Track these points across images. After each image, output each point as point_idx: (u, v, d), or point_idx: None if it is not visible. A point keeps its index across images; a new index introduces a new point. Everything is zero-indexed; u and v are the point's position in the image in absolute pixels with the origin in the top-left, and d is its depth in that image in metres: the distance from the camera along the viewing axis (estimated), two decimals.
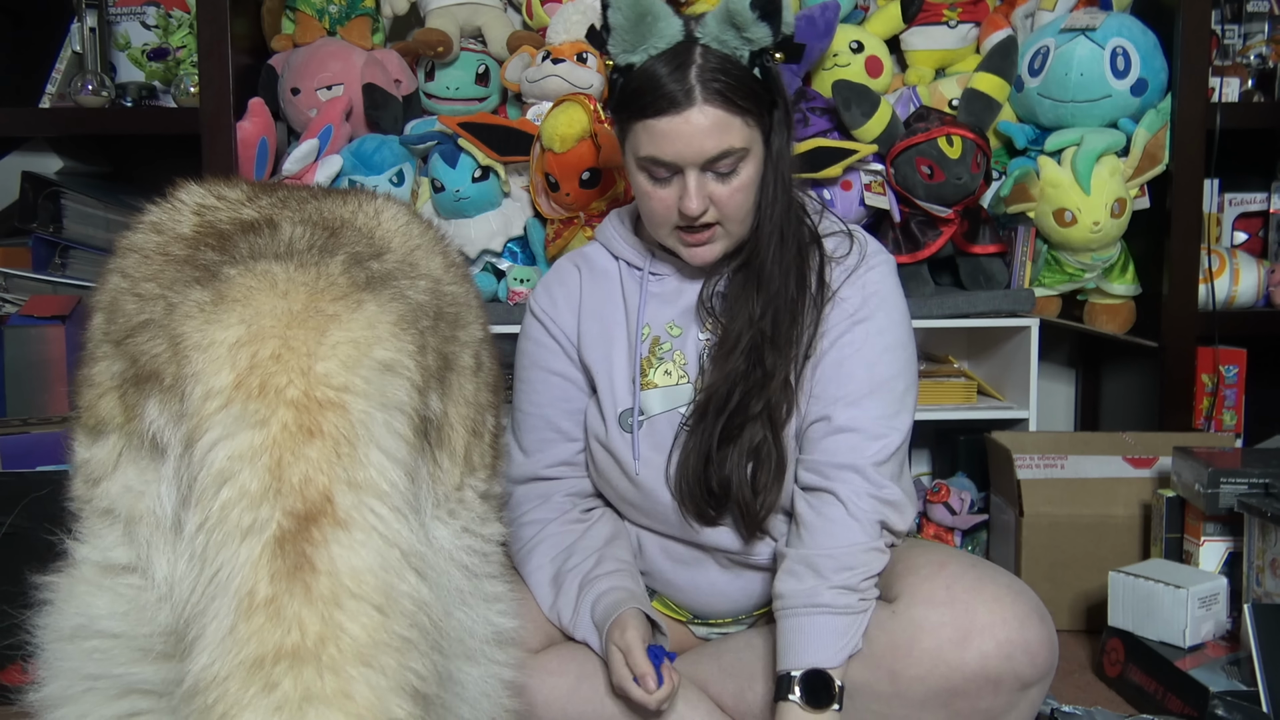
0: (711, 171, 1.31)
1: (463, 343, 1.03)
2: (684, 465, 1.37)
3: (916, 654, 1.22)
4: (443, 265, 1.06)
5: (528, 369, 1.50)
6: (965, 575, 1.26)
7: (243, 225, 0.98)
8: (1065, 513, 1.93)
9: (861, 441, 1.32)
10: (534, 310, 1.50)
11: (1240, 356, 2.23)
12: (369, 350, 0.87)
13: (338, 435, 0.83)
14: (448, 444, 0.99)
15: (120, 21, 2.34)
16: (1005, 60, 2.10)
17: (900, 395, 1.36)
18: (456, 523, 0.99)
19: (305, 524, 0.80)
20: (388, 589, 0.81)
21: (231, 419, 0.82)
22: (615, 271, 1.48)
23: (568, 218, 2.03)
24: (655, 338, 1.42)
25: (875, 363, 1.35)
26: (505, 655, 1.04)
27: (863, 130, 2.06)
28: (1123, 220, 2.09)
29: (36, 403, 2.12)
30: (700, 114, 1.28)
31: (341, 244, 0.97)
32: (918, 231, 2.09)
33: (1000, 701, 1.22)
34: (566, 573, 1.39)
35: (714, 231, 1.35)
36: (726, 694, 1.34)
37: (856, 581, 1.27)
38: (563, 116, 1.95)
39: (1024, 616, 1.23)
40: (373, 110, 2.17)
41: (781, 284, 1.36)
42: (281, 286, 0.88)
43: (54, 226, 2.24)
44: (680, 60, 1.28)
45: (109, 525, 0.93)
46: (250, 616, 0.78)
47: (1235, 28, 2.36)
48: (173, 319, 0.87)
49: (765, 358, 1.34)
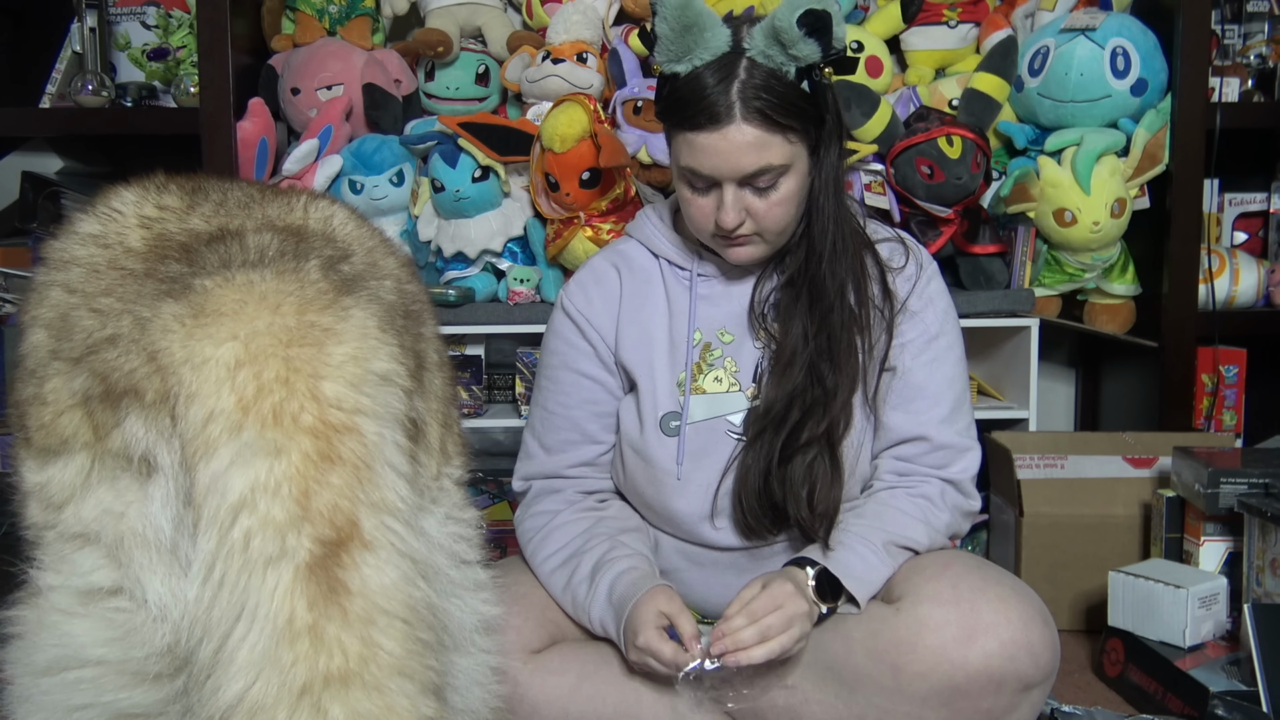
0: (750, 186, 1.30)
1: (427, 339, 1.04)
2: (742, 482, 1.37)
3: (920, 651, 1.22)
4: (398, 264, 1.07)
5: (557, 369, 1.47)
6: (970, 575, 1.27)
7: (200, 236, 0.96)
8: (1065, 513, 1.93)
9: (954, 456, 1.40)
10: (568, 309, 1.47)
11: (1240, 356, 2.23)
12: (368, 364, 0.87)
13: (356, 460, 0.84)
14: (424, 439, 1.00)
15: (120, 21, 2.34)
16: (1005, 60, 2.10)
17: (970, 405, 1.46)
18: (440, 510, 1.01)
19: (335, 550, 0.81)
20: (409, 600, 0.83)
21: (244, 445, 0.82)
22: (656, 271, 1.46)
23: (568, 218, 2.03)
24: (707, 344, 1.41)
25: (955, 378, 1.41)
26: (491, 643, 1.05)
27: (863, 130, 2.06)
28: (1123, 220, 2.09)
29: None
30: (739, 131, 1.26)
31: (311, 248, 0.96)
32: (918, 231, 2.09)
33: (1002, 702, 1.22)
34: (581, 554, 1.38)
35: (751, 240, 1.35)
36: None
37: (902, 542, 1.33)
38: (563, 116, 1.95)
39: (1028, 618, 1.23)
40: (373, 110, 2.17)
41: (837, 298, 1.36)
42: (271, 299, 0.87)
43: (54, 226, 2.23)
44: (723, 74, 1.26)
45: (83, 549, 0.90)
46: (294, 643, 0.79)
47: (1235, 28, 2.36)
48: (147, 334, 0.86)
49: (825, 376, 1.35)
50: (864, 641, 1.26)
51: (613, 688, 1.32)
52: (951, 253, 2.13)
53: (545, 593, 1.40)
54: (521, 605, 1.34)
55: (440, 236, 2.12)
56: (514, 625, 1.30)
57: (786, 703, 1.30)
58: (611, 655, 1.34)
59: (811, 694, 1.29)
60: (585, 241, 2.01)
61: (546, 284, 2.10)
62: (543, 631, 1.35)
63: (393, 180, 2.15)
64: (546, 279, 2.10)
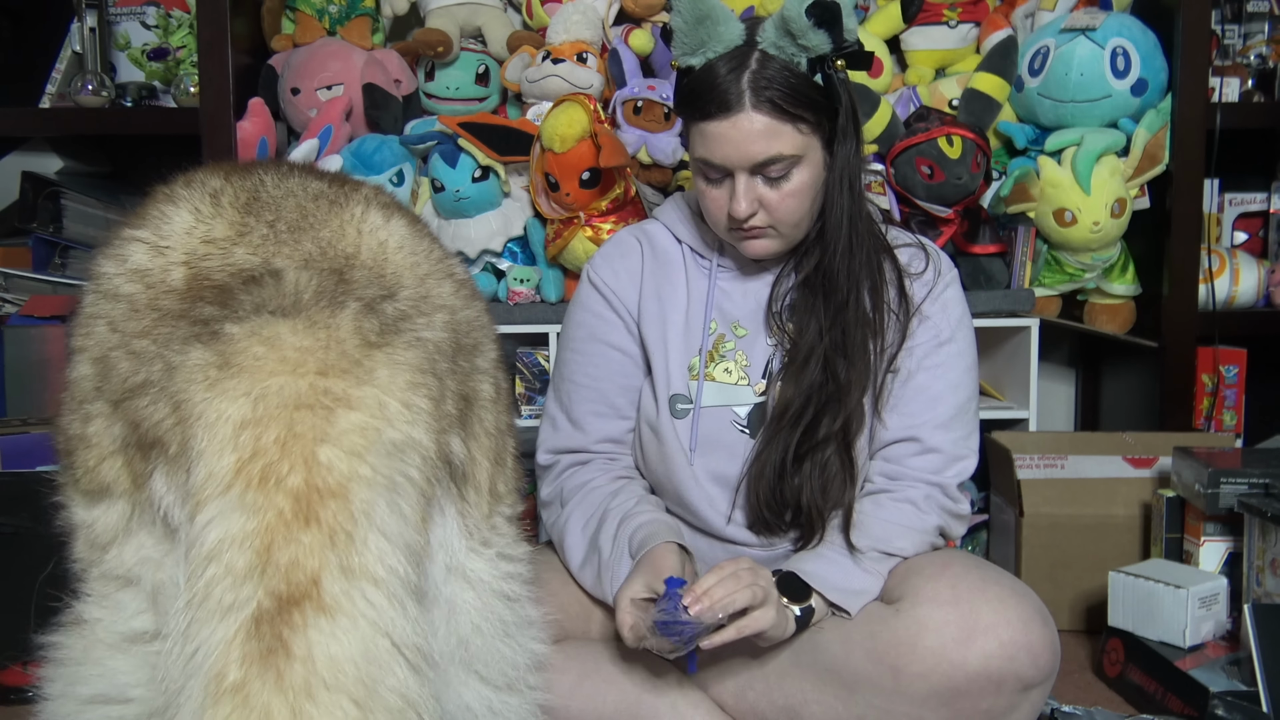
0: (762, 176, 1.32)
1: (482, 371, 1.01)
2: (758, 478, 1.38)
3: (920, 651, 1.22)
4: (453, 289, 1.01)
5: (585, 340, 1.47)
6: (969, 575, 1.27)
7: (240, 274, 0.93)
8: (1065, 513, 1.93)
9: (945, 463, 1.39)
10: (594, 281, 1.48)
11: (1240, 356, 2.23)
12: (378, 435, 0.84)
13: (335, 524, 0.80)
14: (472, 479, 0.97)
15: (120, 21, 2.34)
16: (1005, 60, 2.10)
17: (975, 416, 1.44)
18: (491, 550, 0.98)
19: (287, 606, 0.76)
20: (370, 681, 0.77)
21: (226, 503, 0.80)
22: (678, 254, 1.47)
23: (568, 218, 2.03)
24: (721, 334, 1.43)
25: (959, 385, 1.41)
26: (540, 679, 1.03)
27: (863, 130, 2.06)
28: (1123, 220, 2.09)
29: (36, 403, 2.12)
30: (749, 120, 1.29)
31: (351, 290, 0.92)
32: (917, 231, 2.09)
33: (1002, 702, 1.22)
34: (609, 512, 1.40)
35: (765, 232, 1.37)
36: (727, 694, 1.35)
37: (885, 549, 1.33)
38: (563, 116, 1.95)
39: (1027, 618, 1.23)
40: (373, 110, 2.17)
41: (852, 294, 1.37)
42: (292, 358, 0.84)
43: (54, 226, 2.24)
44: (735, 65, 1.29)
45: (125, 590, 0.90)
46: (218, 702, 0.74)
47: (1235, 28, 2.36)
48: (174, 381, 0.85)
49: (839, 371, 1.36)
50: (863, 643, 1.26)
51: (613, 686, 1.32)
52: (951, 253, 2.13)
53: (547, 590, 1.38)
54: None
55: (440, 236, 2.12)
56: None
57: (786, 703, 1.30)
58: (612, 654, 1.35)
59: (811, 695, 1.29)
60: (585, 241, 2.01)
61: (546, 284, 2.10)
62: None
63: (393, 180, 2.15)
64: (546, 279, 2.10)
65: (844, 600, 1.29)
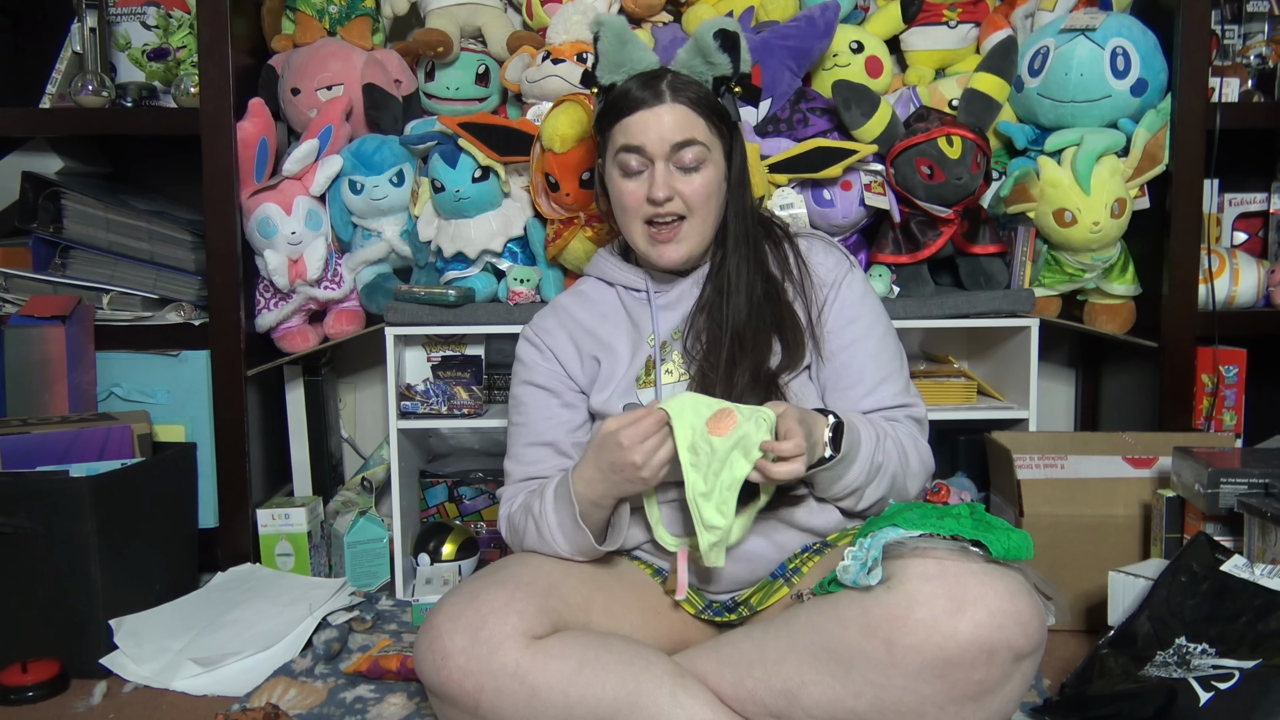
0: (677, 166, 1.52)
1: None
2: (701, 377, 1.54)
3: (912, 624, 1.25)
4: None
5: (519, 386, 1.66)
6: (953, 554, 1.31)
7: None
8: (1065, 513, 1.94)
9: (889, 412, 1.58)
10: (529, 337, 1.67)
11: (1240, 356, 2.23)
12: None
13: None
14: None
15: (120, 21, 2.34)
16: (1005, 60, 2.10)
17: (904, 375, 1.62)
18: None
19: None
20: None
21: None
22: (613, 296, 1.67)
23: (568, 218, 2.03)
24: (663, 343, 1.60)
25: (878, 353, 1.59)
26: None
27: (863, 130, 2.06)
28: (1123, 220, 2.09)
29: (36, 403, 2.12)
30: (669, 110, 1.51)
31: None
32: (918, 232, 2.09)
33: (995, 673, 1.25)
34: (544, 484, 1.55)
35: (680, 229, 1.54)
36: (725, 683, 1.36)
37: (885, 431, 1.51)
38: (563, 116, 1.95)
39: (1014, 590, 1.26)
40: (373, 110, 2.18)
41: (749, 279, 1.56)
42: None
43: (54, 226, 2.24)
44: (654, 76, 1.53)
45: None
46: None
47: (1235, 28, 2.36)
48: None
49: (747, 342, 1.53)
50: (857, 619, 1.29)
51: (613, 674, 1.33)
52: (951, 253, 2.13)
53: (548, 580, 1.44)
54: (524, 591, 1.39)
55: (440, 236, 2.12)
56: (516, 610, 1.35)
57: (784, 686, 1.32)
58: (613, 642, 1.37)
59: (809, 676, 1.31)
60: (585, 241, 2.01)
61: (546, 284, 2.10)
62: (545, 618, 1.37)
63: (393, 180, 2.15)
64: (546, 279, 2.10)
65: (849, 425, 1.45)
